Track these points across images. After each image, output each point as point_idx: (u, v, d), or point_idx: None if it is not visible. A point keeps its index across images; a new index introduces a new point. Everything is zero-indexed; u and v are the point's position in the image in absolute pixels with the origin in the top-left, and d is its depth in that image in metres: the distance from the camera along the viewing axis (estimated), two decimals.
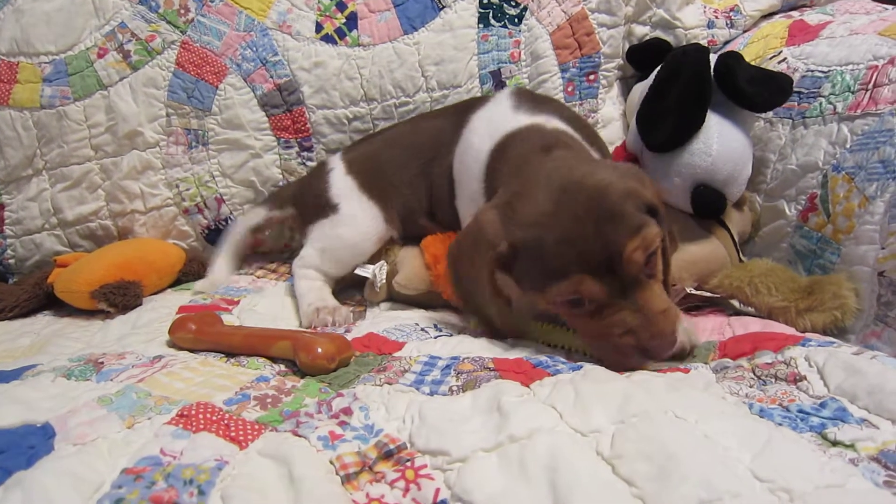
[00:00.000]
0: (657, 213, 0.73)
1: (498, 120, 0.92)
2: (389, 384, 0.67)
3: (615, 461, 0.51)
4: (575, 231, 0.68)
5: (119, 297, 0.99)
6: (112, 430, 0.58)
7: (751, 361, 0.73)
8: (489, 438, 0.54)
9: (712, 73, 1.01)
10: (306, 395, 0.65)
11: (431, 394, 0.65)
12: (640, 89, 1.22)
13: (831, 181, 0.97)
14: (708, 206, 0.99)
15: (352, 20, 1.20)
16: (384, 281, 1.00)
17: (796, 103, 1.06)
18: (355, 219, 1.04)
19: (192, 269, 1.17)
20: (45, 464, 0.52)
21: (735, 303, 0.96)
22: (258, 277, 1.16)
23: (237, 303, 1.02)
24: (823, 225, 0.97)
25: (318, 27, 1.19)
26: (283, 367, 0.74)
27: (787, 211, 1.04)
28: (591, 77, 1.25)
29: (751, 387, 0.68)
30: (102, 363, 0.73)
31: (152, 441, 0.56)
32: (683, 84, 0.98)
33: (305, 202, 1.10)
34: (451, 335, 0.84)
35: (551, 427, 0.55)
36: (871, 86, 0.97)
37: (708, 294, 0.96)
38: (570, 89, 1.24)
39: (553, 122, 0.91)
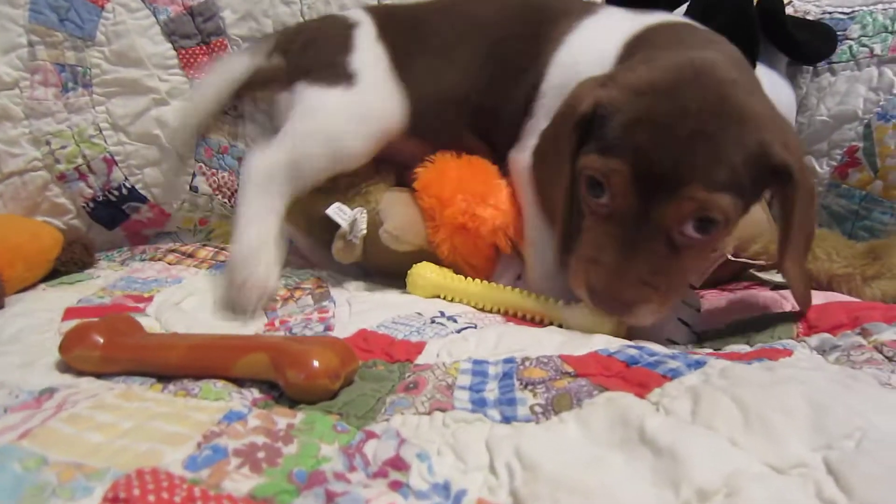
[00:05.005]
0: (788, 178, 0.59)
1: (623, 19, 0.75)
2: (442, 411, 0.45)
3: None
4: (663, 119, 0.56)
5: None
6: None
7: (869, 339, 0.60)
8: (666, 499, 0.35)
9: None
10: (319, 440, 0.42)
11: (507, 420, 0.45)
12: None
13: (877, 131, 0.88)
14: None
15: None
16: (364, 231, 0.76)
17: None
18: (372, 104, 0.80)
19: (74, 257, 0.90)
20: None
21: (776, 276, 0.86)
22: (170, 264, 0.90)
23: (149, 300, 0.76)
24: (869, 181, 0.88)
25: None
26: (257, 393, 0.49)
27: (817, 168, 0.94)
28: None
29: (893, 372, 0.53)
30: None
31: None
32: (726, 24, 0.83)
33: (305, 55, 0.85)
34: (476, 326, 0.64)
35: (757, 472, 0.35)
36: None
37: (750, 260, 0.83)
38: None
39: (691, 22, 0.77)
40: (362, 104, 0.79)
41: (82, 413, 0.45)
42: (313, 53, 0.84)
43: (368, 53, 0.82)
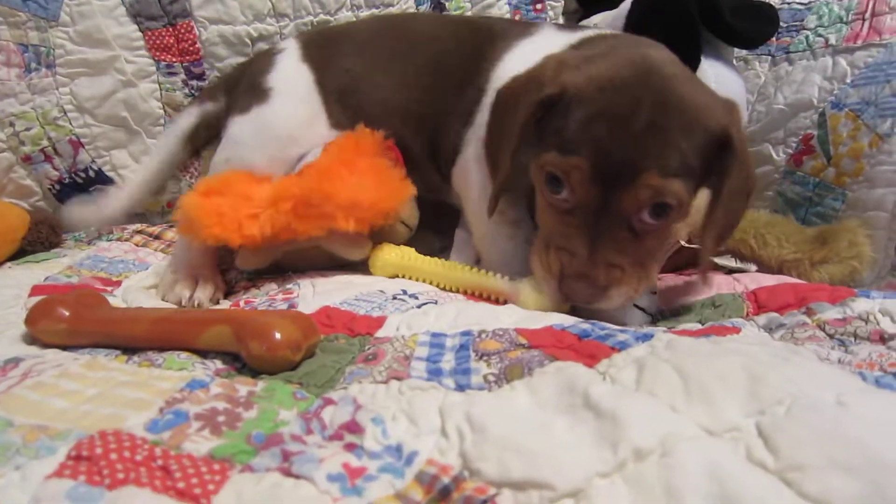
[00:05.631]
0: (727, 145, 0.61)
1: (558, 36, 0.78)
2: (398, 379, 0.46)
3: (792, 475, 0.35)
4: (620, 113, 0.58)
5: None
6: None
7: (813, 318, 0.62)
8: (604, 458, 0.36)
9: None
10: (278, 406, 0.43)
11: (461, 388, 0.46)
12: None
13: (831, 119, 0.90)
14: None
15: None
16: None
17: (775, 38, 0.98)
18: (282, 114, 0.80)
19: (41, 237, 0.91)
20: None
21: (730, 261, 0.89)
22: (137, 245, 0.90)
23: (118, 283, 0.77)
24: (822, 168, 0.91)
25: None
26: (220, 364, 0.51)
27: (773, 155, 0.97)
28: (539, 6, 1.11)
29: (833, 349, 0.56)
30: None
31: None
32: (666, 22, 0.85)
33: (238, 88, 0.86)
34: (437, 302, 0.65)
35: (692, 434, 0.37)
36: (868, 15, 0.92)
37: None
38: (516, 17, 1.08)
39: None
40: (271, 115, 0.80)
41: (47, 381, 0.46)
42: (243, 85, 0.85)
43: (288, 72, 0.83)
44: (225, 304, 0.73)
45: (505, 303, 0.67)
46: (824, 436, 0.37)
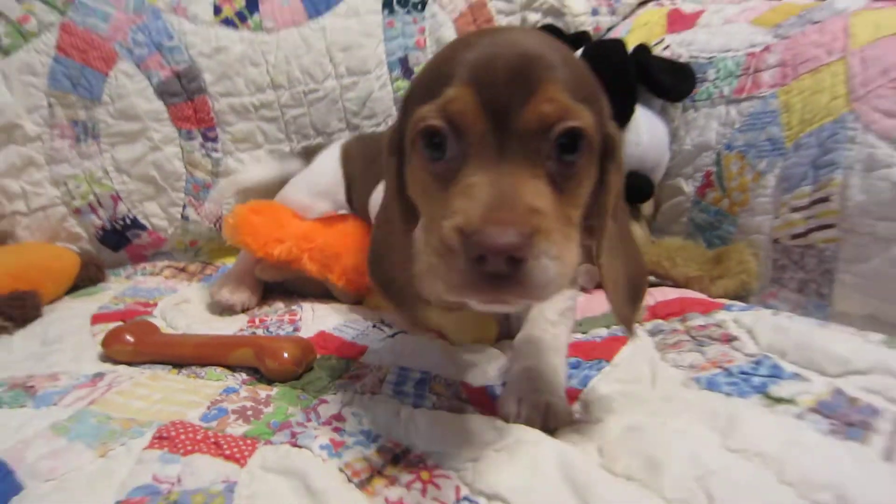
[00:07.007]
0: (611, 150, 0.55)
1: None
2: (373, 394, 0.65)
3: (610, 464, 0.54)
4: (490, 48, 0.48)
5: (17, 310, 0.89)
6: (83, 461, 0.54)
7: (684, 323, 0.80)
8: (496, 440, 0.55)
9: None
10: (287, 404, 0.63)
11: (416, 406, 0.64)
12: None
13: (724, 159, 1.06)
14: (639, 191, 1.08)
15: (252, 3, 1.15)
16: None
17: None
18: (324, 178, 1.04)
19: (89, 274, 1.08)
20: None
21: (650, 278, 1.03)
22: (167, 277, 1.09)
23: (154, 305, 0.96)
24: (720, 199, 1.06)
25: (217, 10, 1.13)
26: (245, 376, 0.71)
27: (685, 188, 1.12)
28: None
29: (690, 351, 0.74)
30: (33, 387, 0.67)
31: (138, 469, 0.52)
32: (609, 77, 1.03)
33: None
34: (406, 332, 0.82)
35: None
36: (752, 71, 1.07)
37: None
38: None
39: None
40: (314, 175, 1.06)
41: (126, 389, 0.66)
42: None
43: (331, 155, 1.07)
44: (244, 319, 0.92)
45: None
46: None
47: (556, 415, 0.59)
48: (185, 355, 0.73)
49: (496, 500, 0.49)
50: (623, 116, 1.05)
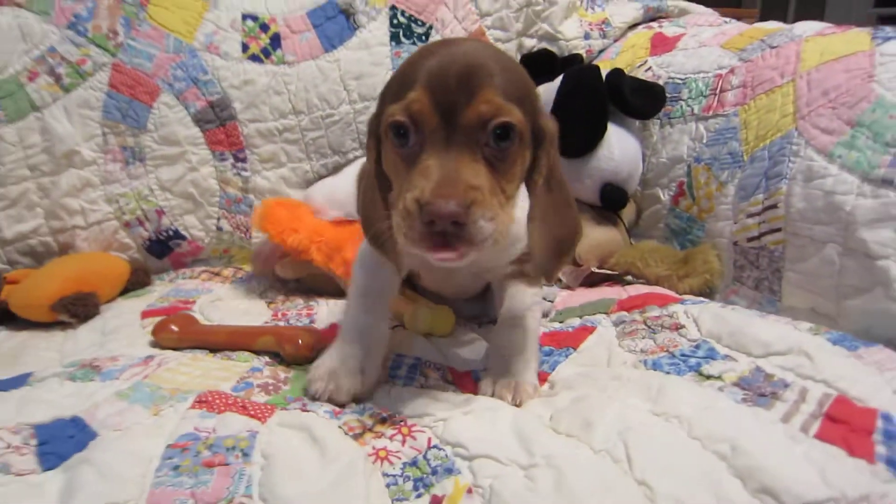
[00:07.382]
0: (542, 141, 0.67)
1: None
2: None
3: (555, 425, 0.67)
4: (443, 58, 0.62)
5: (80, 308, 1.03)
6: (142, 417, 0.68)
7: (643, 314, 0.93)
8: (465, 406, 0.70)
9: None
10: (301, 384, 0.77)
11: (405, 385, 0.78)
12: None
13: (694, 171, 1.18)
14: (615, 200, 1.20)
15: (275, 40, 1.30)
16: None
17: None
18: (340, 187, 1.19)
19: (138, 279, 1.21)
20: (100, 445, 0.62)
21: (628, 278, 1.17)
22: (204, 281, 1.23)
23: (194, 302, 1.10)
24: (691, 207, 1.18)
25: (245, 47, 1.28)
26: (268, 359, 0.85)
27: (661, 197, 1.25)
28: None
29: (643, 338, 0.86)
30: (99, 366, 0.81)
31: (183, 423, 0.67)
32: (584, 99, 1.17)
33: None
34: (402, 327, 0.95)
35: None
36: (718, 91, 1.19)
37: (608, 271, 1.16)
38: None
39: None
40: (334, 184, 1.23)
41: (172, 367, 0.80)
42: None
43: (352, 170, 1.21)
44: (269, 313, 1.06)
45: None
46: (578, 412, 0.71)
47: (523, 392, 0.74)
48: (220, 342, 0.87)
49: (458, 447, 0.63)
50: (595, 135, 1.18)
